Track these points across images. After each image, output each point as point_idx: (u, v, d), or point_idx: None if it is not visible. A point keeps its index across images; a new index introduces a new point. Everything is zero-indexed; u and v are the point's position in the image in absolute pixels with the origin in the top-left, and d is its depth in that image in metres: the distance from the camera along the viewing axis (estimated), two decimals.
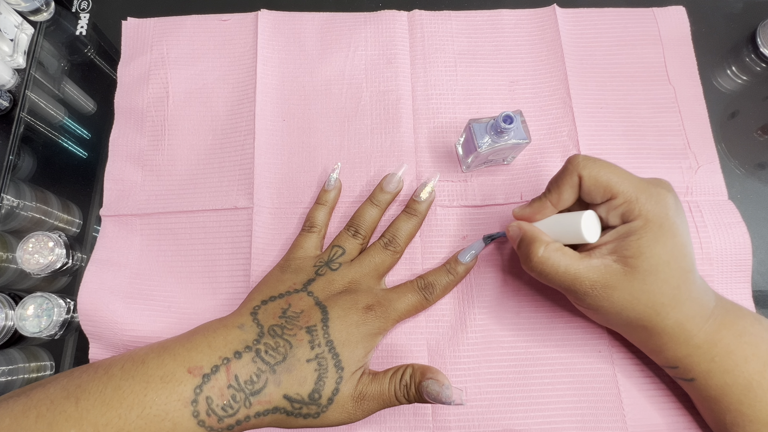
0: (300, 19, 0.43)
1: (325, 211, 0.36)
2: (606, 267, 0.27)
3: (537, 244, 0.29)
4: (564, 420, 0.33)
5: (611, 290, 0.27)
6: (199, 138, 0.40)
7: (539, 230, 0.30)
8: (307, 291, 0.32)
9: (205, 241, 0.38)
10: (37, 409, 0.25)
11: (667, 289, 0.27)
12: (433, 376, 0.28)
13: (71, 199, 0.40)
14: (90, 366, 0.28)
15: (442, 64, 0.41)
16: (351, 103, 0.40)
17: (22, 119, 0.42)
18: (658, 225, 0.27)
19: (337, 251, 0.34)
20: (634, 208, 0.27)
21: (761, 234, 0.38)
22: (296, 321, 0.30)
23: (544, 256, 0.28)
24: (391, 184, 0.36)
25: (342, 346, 0.30)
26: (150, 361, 0.27)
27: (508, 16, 0.43)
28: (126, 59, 0.43)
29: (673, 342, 0.28)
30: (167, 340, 0.30)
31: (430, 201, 0.36)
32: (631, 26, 0.43)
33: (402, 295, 0.33)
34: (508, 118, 0.32)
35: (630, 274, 0.27)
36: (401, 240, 0.35)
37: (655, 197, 0.27)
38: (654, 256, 0.26)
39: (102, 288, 0.36)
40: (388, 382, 0.29)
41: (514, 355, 0.34)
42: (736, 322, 0.29)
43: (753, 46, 0.43)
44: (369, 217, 0.36)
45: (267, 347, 0.29)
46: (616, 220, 0.28)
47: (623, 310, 0.28)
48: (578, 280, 0.28)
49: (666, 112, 0.40)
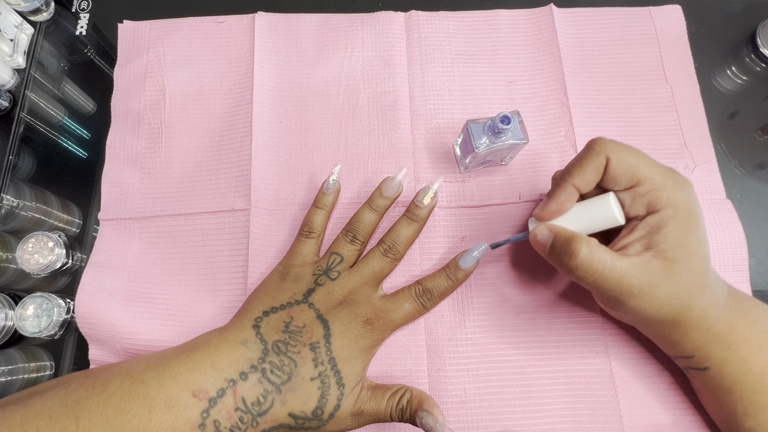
0: (296, 21, 0.43)
1: (324, 215, 0.36)
2: (647, 264, 0.26)
3: (578, 242, 0.26)
4: (561, 420, 0.33)
5: (656, 289, 0.26)
6: (197, 140, 0.40)
7: (571, 230, 0.28)
8: (308, 303, 0.32)
9: (203, 244, 0.38)
10: (36, 423, 0.25)
11: (696, 279, 0.26)
12: (429, 409, 0.29)
13: (71, 199, 0.41)
14: (87, 377, 0.28)
15: (439, 65, 0.41)
16: (348, 105, 0.40)
17: (22, 119, 0.42)
18: (688, 212, 0.26)
19: (336, 259, 0.34)
20: (662, 195, 0.26)
21: (761, 234, 0.38)
22: (299, 336, 0.30)
23: (589, 254, 0.26)
24: (390, 189, 0.35)
25: (343, 363, 0.30)
26: (150, 381, 0.27)
27: (505, 17, 0.43)
28: (122, 62, 0.43)
29: (696, 331, 0.28)
30: (165, 353, 0.29)
31: (432, 206, 0.35)
32: (628, 25, 0.43)
33: (400, 306, 0.33)
34: (506, 118, 0.32)
35: (669, 268, 0.26)
36: (401, 247, 0.34)
37: (681, 184, 0.26)
38: (689, 245, 0.26)
39: (100, 291, 0.36)
40: (385, 402, 0.30)
41: (513, 356, 0.34)
42: (750, 309, 0.29)
43: (753, 46, 0.43)
44: (367, 222, 0.35)
45: (272, 366, 0.29)
46: (641, 209, 0.27)
47: (663, 307, 0.27)
48: (624, 279, 0.26)
49: (663, 111, 0.40)
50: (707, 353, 0.28)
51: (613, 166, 0.27)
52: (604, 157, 0.27)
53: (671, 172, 0.27)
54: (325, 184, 0.36)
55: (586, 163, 0.27)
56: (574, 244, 0.26)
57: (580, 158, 0.28)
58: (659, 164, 0.27)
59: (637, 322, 0.30)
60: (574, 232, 0.28)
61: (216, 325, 0.35)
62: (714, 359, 0.28)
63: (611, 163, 0.27)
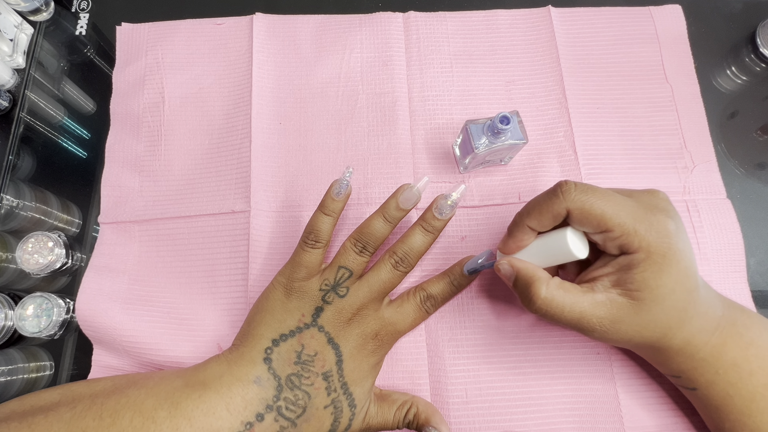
0: (295, 22, 0.43)
1: (331, 223, 0.32)
2: (612, 301, 0.26)
3: (537, 284, 0.27)
4: (562, 421, 0.33)
5: (618, 324, 0.26)
6: (196, 142, 0.40)
7: (533, 266, 0.28)
8: (318, 326, 0.31)
9: (204, 246, 0.38)
10: None
11: (674, 313, 0.26)
12: (436, 426, 0.30)
13: (71, 199, 0.41)
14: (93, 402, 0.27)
15: (438, 66, 0.41)
16: (347, 106, 0.40)
17: (22, 119, 0.42)
18: (661, 256, 0.25)
19: (344, 274, 0.31)
20: (633, 240, 0.25)
21: (761, 234, 0.38)
22: (312, 366, 0.30)
23: (548, 296, 0.26)
24: (409, 201, 0.32)
25: (354, 385, 0.30)
26: (162, 423, 0.26)
27: (503, 17, 0.43)
28: (121, 65, 0.43)
29: (680, 356, 0.28)
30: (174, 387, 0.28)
31: (450, 217, 0.32)
32: (628, 25, 0.42)
33: (405, 316, 0.32)
34: (505, 118, 0.32)
35: (637, 307, 0.26)
36: (413, 260, 0.32)
37: (655, 227, 0.25)
38: (660, 287, 0.25)
39: (100, 294, 0.36)
40: (392, 416, 0.31)
41: (514, 357, 0.34)
42: (744, 333, 0.28)
43: (753, 46, 0.43)
44: (379, 233, 0.32)
45: (287, 402, 0.29)
46: (615, 249, 0.26)
47: (632, 338, 0.27)
48: (584, 317, 0.26)
49: (663, 111, 0.40)
50: (693, 376, 0.28)
51: (576, 216, 0.26)
52: (564, 208, 0.26)
53: (644, 212, 0.26)
54: (335, 186, 0.32)
55: (546, 209, 0.27)
56: (533, 288, 0.27)
57: (540, 202, 0.27)
58: (630, 205, 0.26)
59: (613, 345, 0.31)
60: (534, 270, 0.28)
61: (217, 328, 0.35)
62: (701, 381, 0.28)
63: (572, 214, 0.26)
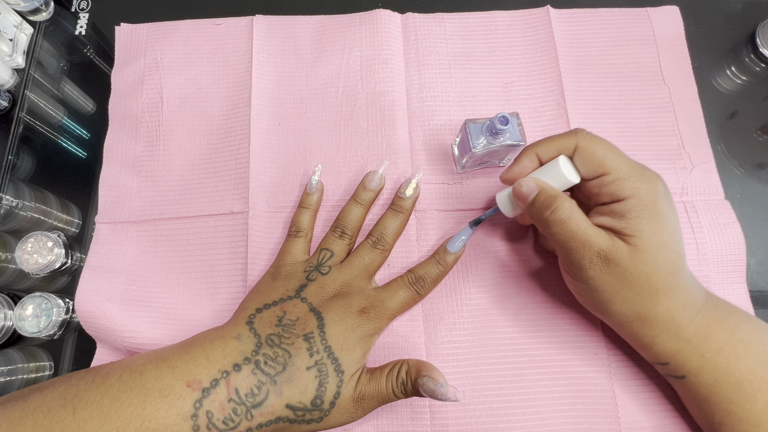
0: (294, 23, 0.43)
1: (309, 214, 0.36)
2: (613, 242, 0.27)
3: (561, 199, 0.28)
4: (560, 422, 0.33)
5: (613, 266, 0.27)
6: (194, 143, 0.40)
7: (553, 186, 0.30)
8: (300, 297, 0.32)
9: (202, 247, 0.38)
10: (35, 416, 0.25)
11: (662, 274, 0.27)
12: (428, 373, 0.28)
13: (70, 199, 0.41)
14: (89, 372, 0.28)
15: (436, 66, 0.41)
16: (347, 106, 0.40)
17: (21, 119, 0.42)
18: (651, 203, 0.27)
19: (326, 254, 0.34)
20: (625, 186, 0.27)
21: (760, 234, 0.38)
22: (293, 329, 0.30)
23: (569, 212, 0.28)
24: (374, 182, 0.36)
25: (340, 351, 0.30)
26: (148, 372, 0.27)
27: (501, 18, 0.43)
28: (120, 65, 0.43)
29: (664, 333, 0.28)
30: (166, 349, 0.30)
31: (415, 197, 0.36)
32: (625, 26, 0.42)
33: (394, 293, 0.33)
34: (504, 119, 0.32)
35: (632, 253, 0.27)
36: (389, 238, 0.35)
37: (647, 178, 0.27)
38: (652, 234, 0.26)
39: (98, 294, 0.36)
40: (385, 380, 0.30)
41: (511, 358, 0.34)
42: (727, 318, 0.29)
43: (752, 46, 0.43)
44: (354, 216, 0.36)
45: (266, 358, 0.29)
46: (608, 197, 0.28)
47: (621, 289, 0.28)
48: (588, 244, 0.27)
49: (660, 112, 0.40)
50: (681, 360, 0.29)
51: (581, 152, 0.28)
52: (574, 142, 0.29)
53: (639, 166, 0.28)
54: (308, 184, 0.37)
55: (557, 141, 0.29)
56: (558, 200, 0.28)
57: (554, 136, 0.30)
58: (630, 159, 0.28)
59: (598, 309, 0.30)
60: (556, 189, 0.29)
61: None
62: (689, 367, 0.28)
63: (579, 150, 0.28)
